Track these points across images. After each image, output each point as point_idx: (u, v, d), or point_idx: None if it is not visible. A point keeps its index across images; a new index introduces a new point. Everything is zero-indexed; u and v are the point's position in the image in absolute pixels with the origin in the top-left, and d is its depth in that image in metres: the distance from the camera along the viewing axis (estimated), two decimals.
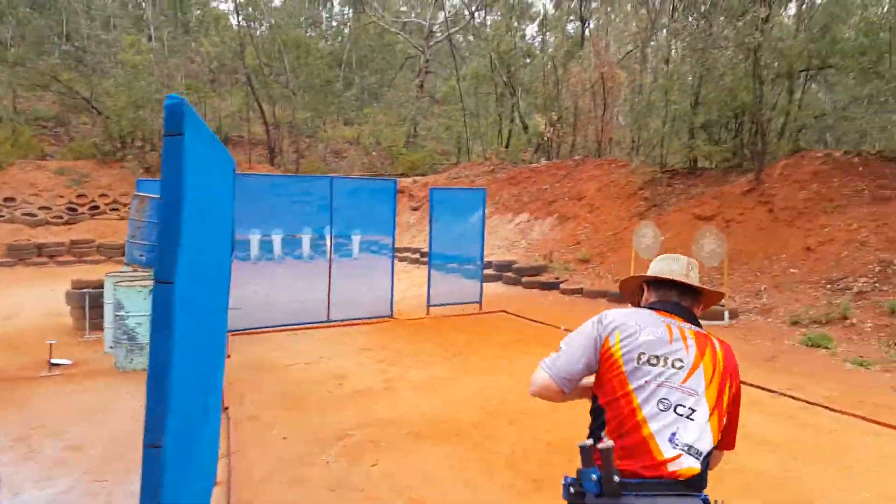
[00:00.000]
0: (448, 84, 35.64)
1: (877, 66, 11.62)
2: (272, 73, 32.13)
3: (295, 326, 9.54)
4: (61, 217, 19.40)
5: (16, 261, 16.26)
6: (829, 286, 9.77)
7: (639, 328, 1.87)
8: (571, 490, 1.71)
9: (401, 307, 11.52)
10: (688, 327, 1.90)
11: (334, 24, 46.35)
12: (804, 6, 15.13)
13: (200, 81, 29.73)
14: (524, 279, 14.06)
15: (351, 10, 43.38)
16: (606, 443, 1.63)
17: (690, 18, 14.56)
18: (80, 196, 20.34)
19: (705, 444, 1.73)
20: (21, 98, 26.09)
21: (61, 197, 19.99)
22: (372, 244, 10.85)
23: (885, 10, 11.67)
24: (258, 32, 35.22)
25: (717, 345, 1.88)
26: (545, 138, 21.53)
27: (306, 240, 9.95)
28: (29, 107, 26.35)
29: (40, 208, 19.27)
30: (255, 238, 10.02)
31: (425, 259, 11.15)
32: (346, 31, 42.81)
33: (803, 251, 10.75)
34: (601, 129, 19.62)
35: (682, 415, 1.75)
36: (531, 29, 29.94)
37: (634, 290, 2.23)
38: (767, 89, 13.47)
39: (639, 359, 1.81)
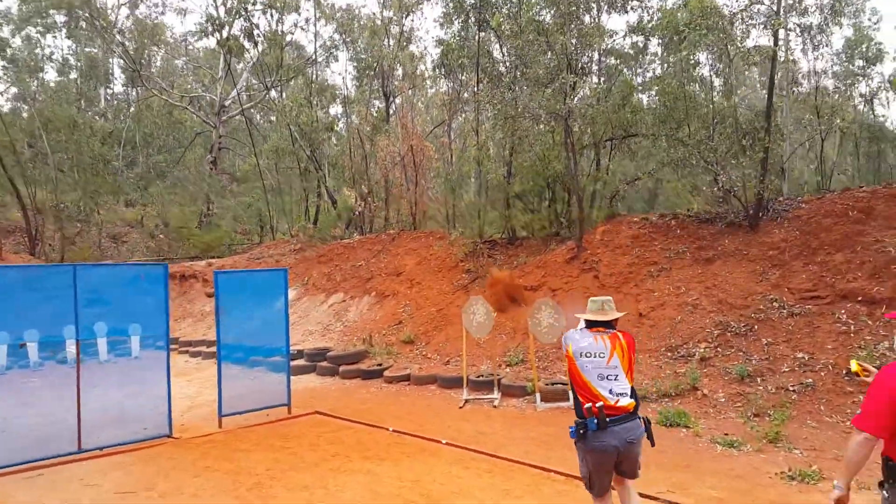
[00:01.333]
0: (248, 161, 33.59)
1: (677, 133, 11.99)
2: (34, 154, 27.57)
3: (31, 465, 6.67)
4: None
5: None
6: (669, 353, 9.18)
7: (580, 340, 3.92)
8: (581, 431, 3.75)
9: (187, 419, 8.99)
10: (605, 334, 3.91)
11: (115, 102, 42.10)
12: (602, 78, 15.72)
13: None
14: (342, 368, 12.09)
15: (133, 89, 39.77)
16: (598, 404, 3.70)
17: (496, 91, 14.34)
18: None
19: (628, 388, 3.81)
20: None
21: None
22: (145, 340, 8.28)
23: (676, 82, 12.16)
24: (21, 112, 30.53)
25: (622, 336, 3.92)
26: (356, 213, 20.14)
27: (32, 347, 7.16)
28: None
29: None
30: None
31: (234, 346, 8.91)
32: (131, 109, 38.99)
33: (636, 318, 10.21)
34: (415, 203, 18.70)
35: (609, 377, 3.79)
36: (334, 109, 28.97)
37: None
38: (579, 157, 13.41)
39: (582, 354, 3.85)
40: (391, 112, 23.80)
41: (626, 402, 3.74)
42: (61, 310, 7.26)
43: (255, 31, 24.76)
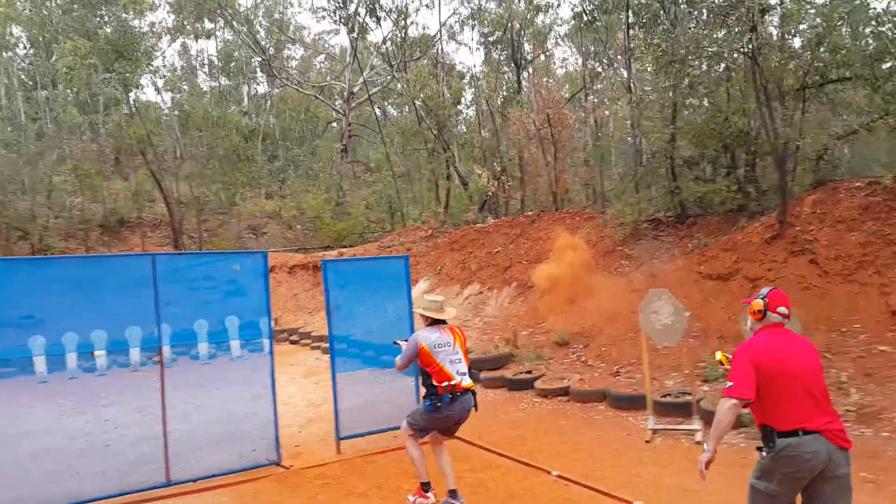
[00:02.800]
0: (378, 150, 33.04)
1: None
2: (181, 151, 28.47)
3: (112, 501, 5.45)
4: None
5: None
6: None
7: (432, 335, 4.91)
8: (437, 405, 4.81)
9: (304, 437, 7.55)
10: (446, 328, 5.00)
11: (256, 100, 43.23)
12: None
13: (101, 162, 25.53)
14: (483, 375, 10.18)
15: (273, 88, 40.57)
16: (452, 382, 4.79)
17: (653, 32, 11.64)
18: None
19: (466, 369, 4.97)
20: None
21: None
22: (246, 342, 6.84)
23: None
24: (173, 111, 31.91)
25: (458, 330, 5.09)
26: (489, 194, 18.17)
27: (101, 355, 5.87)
28: None
29: None
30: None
31: (352, 351, 7.39)
32: (268, 104, 39.80)
33: (888, 317, 7.33)
34: (555, 179, 16.36)
35: (455, 362, 4.87)
36: (460, 85, 27.04)
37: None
38: (773, 108, 10.42)
39: (436, 346, 4.84)
40: (522, 82, 21.49)
41: (467, 381, 4.93)
42: (131, 306, 5.90)
43: (377, 7, 23.35)
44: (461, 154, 21.84)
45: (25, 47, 30.75)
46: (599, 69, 19.10)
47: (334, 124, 35.10)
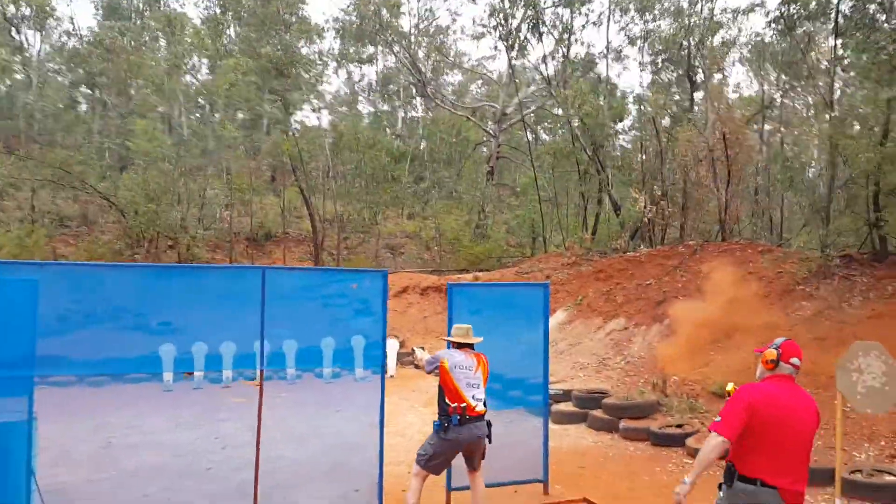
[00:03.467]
0: (526, 174, 32.37)
1: None
2: (330, 171, 29.69)
3: None
4: None
5: None
6: None
7: (455, 355, 4.96)
8: (445, 425, 4.74)
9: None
10: (471, 353, 5.04)
11: (409, 123, 44.50)
12: None
13: (255, 178, 27.24)
14: (623, 423, 8.70)
15: (428, 111, 41.63)
16: (462, 405, 4.74)
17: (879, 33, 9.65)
18: None
19: (484, 396, 4.93)
20: (59, 198, 24.03)
21: None
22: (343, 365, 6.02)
23: None
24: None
25: (483, 358, 5.09)
26: (645, 220, 16.50)
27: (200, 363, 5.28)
28: (58, 205, 24.12)
29: None
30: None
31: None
32: (419, 128, 40.79)
33: None
34: (724, 206, 14.39)
35: (472, 385, 4.87)
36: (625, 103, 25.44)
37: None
38: None
39: (456, 367, 4.88)
40: (694, 100, 19.58)
41: (481, 407, 4.87)
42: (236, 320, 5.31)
43: (540, 23, 22.61)
44: (616, 178, 20.28)
45: (203, 71, 33.89)
46: (781, 88, 16.82)
47: (484, 149, 34.83)
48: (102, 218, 23.82)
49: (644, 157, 17.60)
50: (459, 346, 5.08)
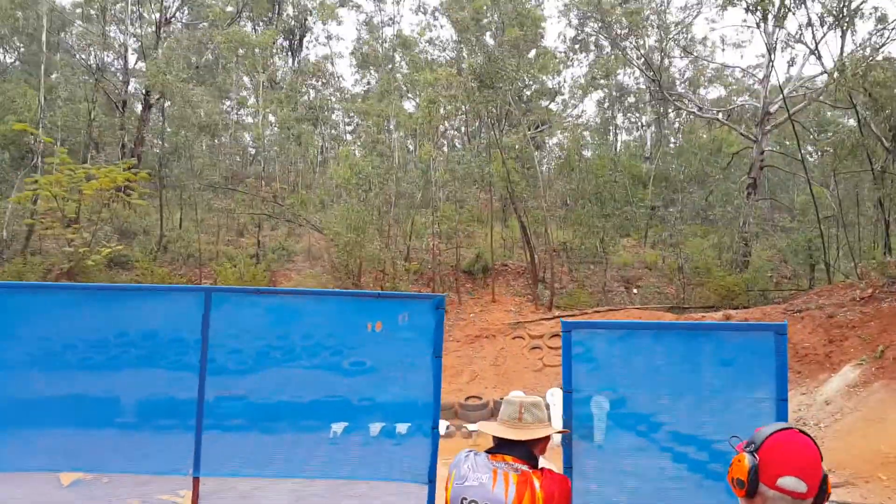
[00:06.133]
0: (802, 191, 26.89)
1: None
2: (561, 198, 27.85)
3: None
4: None
5: None
6: None
7: (468, 474, 2.37)
8: None
9: None
10: (514, 470, 2.36)
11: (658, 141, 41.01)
12: None
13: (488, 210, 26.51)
14: None
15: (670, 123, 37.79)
16: None
17: None
18: None
19: None
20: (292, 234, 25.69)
21: None
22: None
23: None
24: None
25: (538, 484, 2.32)
26: None
27: None
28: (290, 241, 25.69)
29: None
30: None
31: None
32: (671, 145, 37.00)
33: None
34: None
35: None
36: None
37: None
38: None
39: (458, 485, 2.37)
40: None
41: None
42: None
43: None
44: None
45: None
46: None
47: (741, 150, 29.79)
48: (329, 253, 24.66)
49: None
50: (497, 447, 2.55)
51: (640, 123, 42.24)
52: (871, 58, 14.07)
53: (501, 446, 2.49)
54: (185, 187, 24.83)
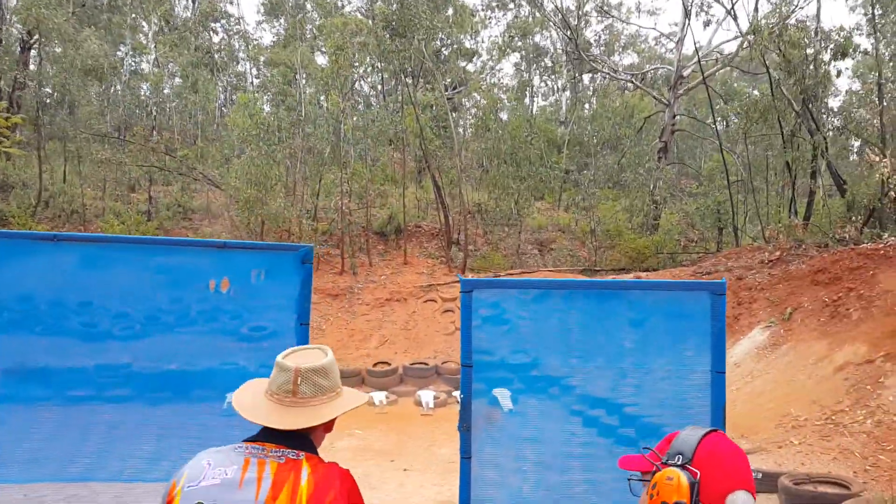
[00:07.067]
0: (711, 157, 27.67)
1: None
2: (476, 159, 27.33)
3: None
4: None
5: None
6: None
7: (205, 471, 1.60)
8: None
9: None
10: (273, 458, 1.64)
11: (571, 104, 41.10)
12: None
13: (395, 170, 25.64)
14: None
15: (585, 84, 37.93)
16: None
17: None
18: None
19: None
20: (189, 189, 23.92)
21: None
22: None
23: None
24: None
25: (306, 474, 1.61)
26: (890, 195, 11.71)
27: None
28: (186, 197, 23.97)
29: None
30: None
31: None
32: (586, 110, 37.10)
33: None
34: None
35: None
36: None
37: None
38: None
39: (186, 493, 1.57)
40: None
41: None
42: None
43: None
44: (837, 142, 15.27)
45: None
46: None
47: (652, 114, 30.24)
48: (229, 211, 23.17)
49: (885, 104, 12.60)
50: (270, 433, 1.70)
51: (555, 87, 42.24)
52: (786, 16, 14.19)
53: (268, 435, 1.71)
54: (71, 137, 22.63)
